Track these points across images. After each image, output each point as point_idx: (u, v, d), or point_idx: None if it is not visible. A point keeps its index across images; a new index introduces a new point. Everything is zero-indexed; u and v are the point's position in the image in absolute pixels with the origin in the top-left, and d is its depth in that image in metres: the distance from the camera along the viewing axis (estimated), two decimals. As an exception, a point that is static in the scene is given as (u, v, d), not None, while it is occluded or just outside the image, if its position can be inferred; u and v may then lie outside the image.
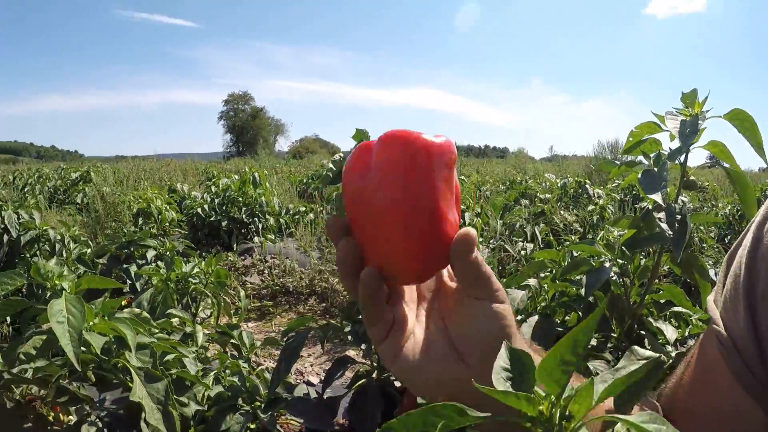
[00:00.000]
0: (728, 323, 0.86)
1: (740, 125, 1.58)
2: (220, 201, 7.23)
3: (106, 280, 1.57)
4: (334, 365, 1.76)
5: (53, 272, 1.46)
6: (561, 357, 0.60)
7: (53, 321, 1.31)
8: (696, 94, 1.69)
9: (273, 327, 4.44)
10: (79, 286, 1.50)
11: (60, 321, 1.32)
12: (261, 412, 1.62)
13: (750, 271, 0.85)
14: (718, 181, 11.58)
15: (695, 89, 1.70)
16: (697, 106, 1.67)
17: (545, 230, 5.96)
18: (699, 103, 1.67)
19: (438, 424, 0.56)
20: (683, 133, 1.62)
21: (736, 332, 0.85)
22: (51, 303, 1.35)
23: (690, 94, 1.70)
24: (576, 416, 0.59)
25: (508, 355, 0.66)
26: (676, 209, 1.62)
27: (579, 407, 0.59)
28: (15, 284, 1.46)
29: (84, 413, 1.64)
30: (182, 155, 22.87)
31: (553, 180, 10.30)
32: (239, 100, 70.83)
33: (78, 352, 1.30)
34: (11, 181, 11.94)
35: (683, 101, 1.70)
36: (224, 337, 2.21)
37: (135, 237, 3.20)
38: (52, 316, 1.32)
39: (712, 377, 0.89)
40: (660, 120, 1.71)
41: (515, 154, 26.82)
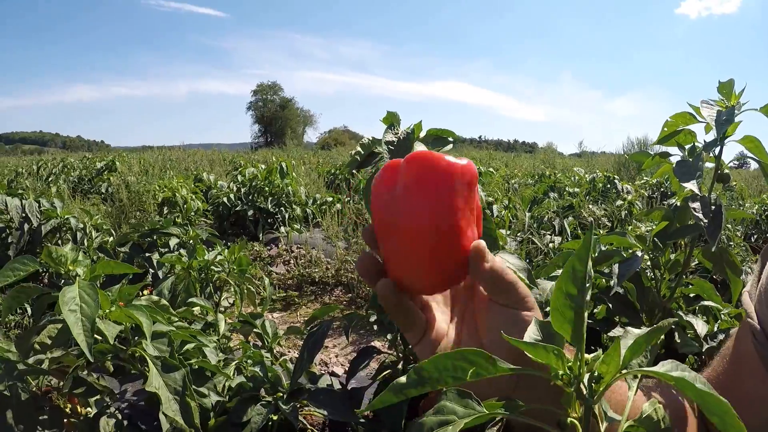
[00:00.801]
0: (763, 317, 0.89)
1: None
2: (246, 190, 7.21)
3: (122, 265, 1.52)
4: (359, 355, 1.70)
5: (66, 257, 1.41)
6: (566, 290, 0.62)
7: (65, 309, 1.26)
8: (733, 85, 1.66)
9: (298, 317, 4.40)
10: (94, 272, 1.45)
11: (72, 309, 1.27)
12: (282, 403, 1.57)
13: None
14: (746, 182, 11.58)
15: (732, 79, 1.67)
16: (734, 98, 1.65)
17: (573, 223, 5.88)
18: (735, 94, 1.65)
19: (468, 369, 0.58)
20: (719, 122, 1.61)
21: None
22: (63, 290, 1.30)
23: (727, 83, 1.67)
24: (605, 377, 0.60)
25: (537, 328, 0.69)
26: (711, 199, 1.60)
27: (608, 368, 0.60)
28: (27, 270, 1.42)
29: (103, 405, 1.60)
30: (209, 146, 22.91)
31: (582, 174, 10.23)
32: (268, 91, 71.04)
33: (91, 342, 1.25)
34: (35, 171, 12.00)
35: (719, 91, 1.68)
36: (247, 326, 2.16)
37: (157, 225, 3.16)
38: (64, 304, 1.27)
39: (746, 370, 0.91)
40: (695, 111, 1.68)
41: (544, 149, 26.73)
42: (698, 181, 1.59)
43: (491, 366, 0.59)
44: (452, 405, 0.61)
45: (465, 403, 0.61)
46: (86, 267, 1.43)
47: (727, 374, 0.97)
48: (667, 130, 1.74)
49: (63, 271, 1.41)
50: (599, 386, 0.61)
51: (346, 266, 5.21)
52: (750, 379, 0.91)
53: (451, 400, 0.61)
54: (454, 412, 0.60)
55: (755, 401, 0.89)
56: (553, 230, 5.68)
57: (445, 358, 0.59)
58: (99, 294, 1.31)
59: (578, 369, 0.61)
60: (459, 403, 0.61)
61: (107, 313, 1.40)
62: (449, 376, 0.59)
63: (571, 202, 6.80)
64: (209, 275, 2.50)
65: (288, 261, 5.70)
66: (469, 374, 0.59)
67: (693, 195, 1.61)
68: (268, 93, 70.83)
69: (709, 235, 1.54)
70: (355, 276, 5.03)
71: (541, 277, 1.86)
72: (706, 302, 1.80)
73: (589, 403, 0.61)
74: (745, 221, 6.28)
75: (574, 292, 0.62)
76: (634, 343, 0.60)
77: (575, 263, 0.62)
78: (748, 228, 6.25)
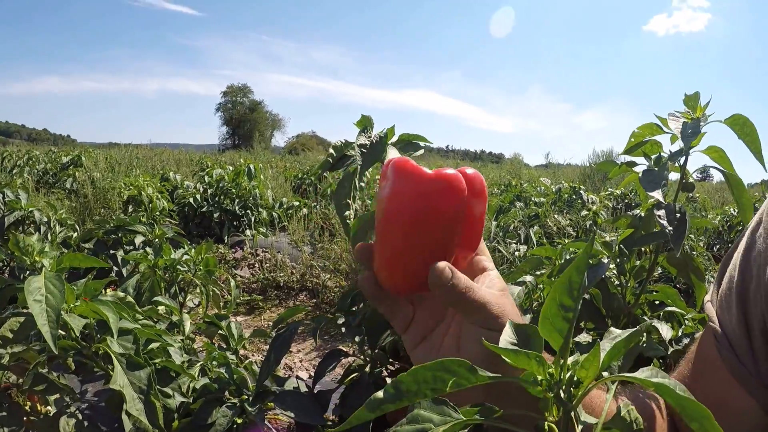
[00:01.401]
0: (723, 321, 0.94)
1: (740, 130, 1.60)
2: (213, 192, 7.16)
3: (90, 258, 1.49)
4: (326, 358, 1.69)
5: (33, 247, 1.38)
6: (560, 301, 0.62)
7: (30, 299, 1.23)
8: (698, 98, 1.71)
9: (262, 321, 4.37)
10: (60, 264, 1.41)
11: (38, 299, 1.24)
12: (248, 405, 1.54)
13: (743, 272, 0.93)
14: (708, 194, 11.83)
15: (697, 92, 1.72)
16: (699, 110, 1.69)
17: (539, 233, 5.92)
18: (701, 107, 1.69)
19: (449, 380, 0.58)
20: (685, 134, 1.65)
21: (729, 329, 0.93)
22: (29, 280, 1.27)
23: (692, 96, 1.72)
24: (584, 381, 0.60)
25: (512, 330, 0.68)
26: (676, 207, 1.65)
27: (587, 372, 0.60)
28: (-8, 260, 1.38)
29: (63, 404, 1.56)
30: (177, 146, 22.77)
31: (548, 184, 10.31)
32: (238, 93, 70.68)
33: (55, 333, 1.22)
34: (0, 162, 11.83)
35: (685, 103, 1.72)
36: (212, 327, 2.13)
37: (123, 222, 3.11)
38: (30, 293, 1.24)
39: (710, 372, 0.96)
40: (662, 122, 1.73)
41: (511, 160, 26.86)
42: (663, 189, 1.63)
43: (472, 375, 0.59)
44: (427, 413, 0.60)
45: (441, 410, 0.60)
46: (52, 259, 1.40)
47: (692, 376, 1.01)
48: (633, 140, 1.78)
49: (29, 262, 1.38)
50: (578, 391, 0.61)
51: (312, 271, 5.18)
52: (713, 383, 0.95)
53: (425, 409, 0.60)
54: (430, 420, 0.59)
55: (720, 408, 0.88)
56: (518, 239, 5.71)
57: (425, 369, 0.57)
58: (65, 286, 1.28)
59: (559, 375, 0.61)
60: (434, 410, 0.60)
61: (72, 307, 1.37)
62: (428, 389, 0.58)
63: (537, 211, 6.86)
64: (175, 275, 2.47)
65: (253, 264, 5.66)
66: (449, 385, 0.58)
67: (658, 203, 1.64)
68: (237, 95, 70.51)
69: (674, 242, 1.57)
70: (320, 281, 5.01)
71: (509, 283, 1.87)
72: (670, 308, 1.83)
73: (568, 408, 0.61)
74: (708, 232, 6.42)
75: (569, 303, 0.61)
76: (612, 348, 0.61)
77: (572, 274, 0.61)
78: (711, 238, 6.41)
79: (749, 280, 0.91)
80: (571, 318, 0.61)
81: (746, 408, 0.91)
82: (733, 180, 1.64)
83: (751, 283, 0.90)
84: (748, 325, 0.90)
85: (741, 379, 0.90)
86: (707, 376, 0.97)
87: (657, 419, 0.93)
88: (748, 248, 0.94)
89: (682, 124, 1.67)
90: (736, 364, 0.91)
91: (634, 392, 0.95)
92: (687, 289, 3.61)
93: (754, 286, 0.90)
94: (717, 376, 0.94)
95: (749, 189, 9.15)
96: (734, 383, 0.91)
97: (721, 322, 0.95)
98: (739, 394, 0.91)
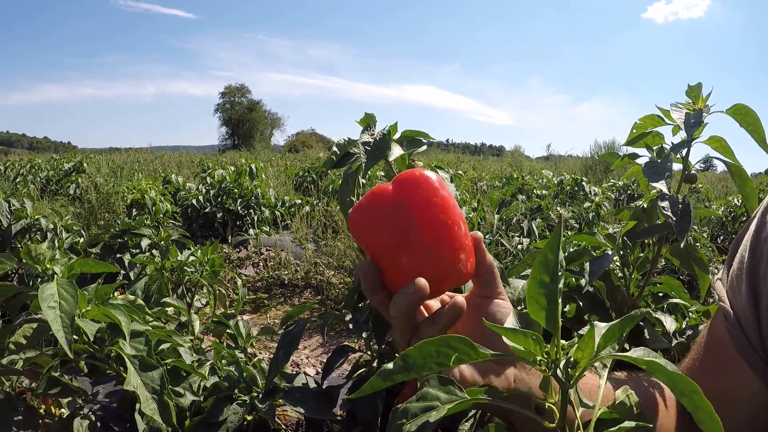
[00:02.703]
0: (733, 301, 0.96)
1: (743, 120, 1.61)
2: (215, 192, 7.18)
3: (101, 263, 1.52)
4: (334, 354, 1.71)
5: (45, 255, 1.41)
6: (540, 279, 0.66)
7: (44, 306, 1.26)
8: (700, 88, 1.71)
9: (268, 319, 4.40)
10: (71, 270, 1.44)
11: (51, 306, 1.27)
12: (258, 402, 1.57)
13: (753, 252, 0.94)
14: (711, 184, 11.83)
15: (700, 83, 1.72)
16: (701, 101, 1.70)
17: (542, 225, 5.93)
18: (703, 98, 1.70)
19: (452, 355, 0.62)
20: (688, 124, 1.65)
21: (739, 309, 0.94)
22: (42, 287, 1.30)
23: (695, 87, 1.72)
24: (581, 362, 0.63)
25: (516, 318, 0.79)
26: (679, 198, 1.65)
27: (583, 353, 0.63)
28: (4, 268, 1.41)
29: (76, 406, 1.59)
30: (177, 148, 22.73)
31: (550, 177, 10.31)
32: (236, 93, 70.49)
33: (70, 338, 1.25)
34: (2, 172, 11.86)
35: (688, 94, 1.73)
36: (220, 327, 2.16)
37: (129, 226, 3.14)
38: (43, 300, 1.27)
39: (720, 352, 0.97)
40: (664, 114, 1.73)
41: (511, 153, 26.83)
42: (667, 181, 1.63)
43: (473, 352, 0.62)
44: (435, 392, 0.63)
45: (447, 389, 0.63)
46: (63, 265, 1.42)
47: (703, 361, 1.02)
48: (635, 132, 1.78)
49: (40, 269, 1.41)
50: (575, 371, 0.63)
51: (316, 268, 5.21)
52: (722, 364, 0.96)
53: (433, 387, 0.63)
54: (437, 398, 0.63)
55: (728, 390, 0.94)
56: (521, 232, 5.72)
57: (429, 344, 0.61)
58: (78, 291, 1.31)
59: (555, 354, 0.64)
60: (441, 389, 0.63)
61: (84, 312, 1.40)
62: (433, 362, 0.62)
63: (540, 204, 6.86)
64: (182, 276, 2.50)
65: (257, 263, 5.69)
66: (453, 359, 0.61)
67: (662, 194, 1.64)
68: (235, 95, 70.35)
69: (678, 232, 1.58)
70: (324, 278, 5.03)
71: (512, 277, 1.89)
72: (674, 300, 1.83)
73: (565, 387, 0.64)
74: (711, 223, 6.41)
75: (546, 280, 0.65)
76: (607, 331, 0.63)
77: (547, 253, 0.65)
78: (715, 229, 6.39)
79: (759, 259, 0.93)
80: (550, 294, 0.66)
81: (754, 389, 0.92)
82: (735, 169, 1.65)
83: (762, 262, 0.92)
84: (758, 305, 0.92)
85: (748, 358, 0.92)
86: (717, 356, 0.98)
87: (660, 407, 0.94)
88: (758, 228, 0.96)
89: (685, 115, 1.68)
90: (743, 342, 0.92)
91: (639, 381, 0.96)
92: (690, 281, 3.62)
93: (764, 266, 0.91)
94: (726, 357, 0.95)
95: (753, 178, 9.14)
96: (741, 363, 0.92)
97: (732, 302, 0.96)
98: (747, 374, 0.92)
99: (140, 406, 1.34)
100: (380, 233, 0.83)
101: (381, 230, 0.83)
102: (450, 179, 1.72)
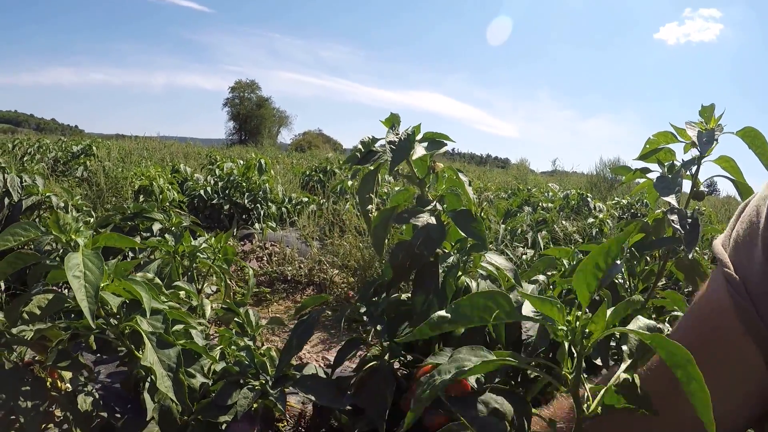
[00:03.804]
0: (738, 265, 0.91)
1: (752, 142, 1.66)
2: (223, 185, 7.20)
3: (126, 238, 1.53)
4: (347, 345, 1.72)
5: (71, 225, 1.42)
6: (595, 262, 0.71)
7: (69, 275, 1.27)
8: (713, 109, 1.77)
9: (269, 313, 4.41)
10: (96, 243, 1.45)
11: (76, 275, 1.28)
12: (270, 388, 1.58)
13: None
14: (714, 208, 11.91)
15: (713, 104, 1.78)
16: (713, 121, 1.76)
17: (546, 238, 5.95)
18: (715, 118, 1.76)
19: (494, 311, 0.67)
20: (701, 142, 1.72)
21: (747, 272, 0.89)
22: (68, 256, 1.31)
23: (708, 108, 1.78)
24: (594, 333, 0.70)
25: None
26: (688, 213, 1.70)
27: (595, 326, 0.69)
28: (29, 235, 1.42)
29: (78, 383, 1.60)
30: (184, 139, 22.78)
31: (556, 190, 10.35)
32: (246, 89, 70.46)
33: (94, 309, 1.26)
34: (10, 150, 11.88)
35: (701, 114, 1.78)
36: (229, 314, 2.17)
37: (142, 209, 3.15)
38: (69, 269, 1.28)
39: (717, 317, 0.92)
40: (678, 131, 1.79)
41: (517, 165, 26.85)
42: (677, 195, 1.68)
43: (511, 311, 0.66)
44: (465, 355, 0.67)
45: (476, 353, 0.68)
46: (87, 237, 1.43)
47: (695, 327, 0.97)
48: (648, 147, 1.82)
49: (65, 240, 1.41)
50: (589, 341, 0.70)
51: (320, 266, 5.22)
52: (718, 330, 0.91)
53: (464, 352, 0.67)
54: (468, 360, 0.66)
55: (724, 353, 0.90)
56: (525, 243, 5.74)
57: (479, 296, 0.65)
58: (103, 263, 1.32)
59: (575, 323, 0.70)
60: (472, 353, 0.67)
61: (105, 285, 1.41)
62: (478, 316, 0.65)
63: (545, 216, 6.89)
64: (193, 262, 2.51)
65: (261, 257, 5.69)
66: (493, 316, 0.65)
67: (671, 208, 1.69)
68: (245, 91, 70.32)
69: (687, 245, 1.63)
70: (327, 276, 5.04)
71: (524, 280, 1.92)
72: (676, 312, 1.86)
73: (581, 354, 0.69)
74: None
75: (602, 266, 0.70)
76: (615, 309, 0.72)
77: (613, 244, 0.68)
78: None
79: None
80: (601, 278, 0.71)
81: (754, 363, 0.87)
82: (743, 189, 1.69)
83: None
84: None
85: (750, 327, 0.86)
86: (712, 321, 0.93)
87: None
88: None
89: (698, 133, 1.72)
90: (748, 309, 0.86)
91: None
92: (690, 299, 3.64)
93: None
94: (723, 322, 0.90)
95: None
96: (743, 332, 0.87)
97: (736, 266, 0.91)
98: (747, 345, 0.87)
99: (156, 382, 1.35)
100: None
101: None
102: (468, 183, 1.74)
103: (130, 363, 1.61)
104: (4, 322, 1.47)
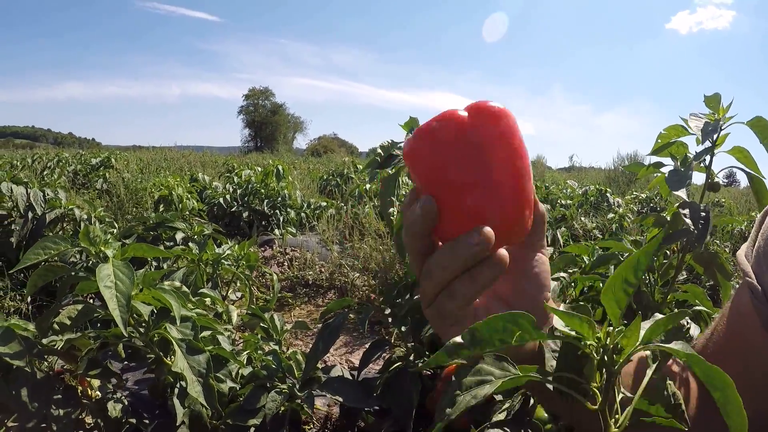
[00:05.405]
0: (761, 275, 0.92)
1: (761, 133, 1.63)
2: (242, 192, 7.24)
3: (154, 248, 1.56)
4: (371, 347, 1.75)
5: (101, 238, 1.45)
6: (625, 277, 0.68)
7: (101, 285, 1.30)
8: (719, 98, 1.74)
9: (291, 318, 4.43)
10: (125, 254, 1.48)
11: (108, 285, 1.31)
12: (297, 391, 1.61)
13: None
14: (735, 200, 11.80)
15: (718, 93, 1.75)
16: (721, 111, 1.72)
17: (566, 234, 5.94)
18: (723, 108, 1.72)
19: (515, 332, 0.63)
20: (705, 132, 1.68)
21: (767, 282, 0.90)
22: (99, 267, 1.34)
23: (713, 97, 1.75)
24: (626, 349, 0.66)
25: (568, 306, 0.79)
26: (701, 207, 1.68)
27: (628, 341, 0.66)
28: (59, 248, 1.45)
29: (107, 391, 1.63)
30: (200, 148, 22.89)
31: (575, 187, 10.32)
32: (260, 96, 70.79)
33: (126, 317, 1.29)
34: (29, 164, 11.98)
35: (707, 104, 1.76)
36: (255, 319, 2.19)
37: (164, 219, 3.19)
38: (101, 280, 1.31)
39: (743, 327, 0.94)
40: (687, 123, 1.75)
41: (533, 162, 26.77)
42: (687, 188, 1.66)
43: (534, 331, 0.65)
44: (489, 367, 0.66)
45: (501, 366, 0.66)
46: (116, 249, 1.46)
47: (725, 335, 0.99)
48: (660, 141, 1.81)
49: (94, 251, 1.45)
50: (620, 357, 0.66)
51: (341, 270, 5.23)
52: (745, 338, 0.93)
53: (488, 364, 0.67)
54: (491, 374, 0.65)
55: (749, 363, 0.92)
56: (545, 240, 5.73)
57: (497, 319, 0.63)
58: (133, 273, 1.35)
59: (605, 339, 0.67)
60: (496, 366, 0.66)
61: (134, 294, 1.44)
62: (498, 339, 0.64)
63: (564, 213, 6.87)
64: (215, 270, 2.54)
65: (282, 263, 5.72)
66: (515, 338, 0.64)
67: (683, 201, 1.68)
68: (259, 98, 70.64)
69: (697, 239, 1.62)
70: (348, 280, 5.06)
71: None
72: (697, 307, 1.84)
73: (611, 371, 0.66)
74: (733, 237, 6.39)
75: (632, 280, 0.67)
76: (654, 324, 0.66)
77: (641, 256, 0.67)
78: (737, 244, 6.37)
79: None
80: (631, 294, 0.67)
81: None
82: (756, 180, 1.67)
83: None
84: None
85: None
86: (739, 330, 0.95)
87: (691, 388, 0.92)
88: None
89: (704, 124, 1.70)
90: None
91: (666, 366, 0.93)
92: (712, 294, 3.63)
93: None
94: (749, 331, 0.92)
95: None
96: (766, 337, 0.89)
97: (758, 276, 0.92)
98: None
99: (186, 387, 1.38)
100: (447, 163, 0.70)
101: (448, 160, 0.70)
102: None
103: (158, 369, 1.64)
104: (35, 332, 1.50)
